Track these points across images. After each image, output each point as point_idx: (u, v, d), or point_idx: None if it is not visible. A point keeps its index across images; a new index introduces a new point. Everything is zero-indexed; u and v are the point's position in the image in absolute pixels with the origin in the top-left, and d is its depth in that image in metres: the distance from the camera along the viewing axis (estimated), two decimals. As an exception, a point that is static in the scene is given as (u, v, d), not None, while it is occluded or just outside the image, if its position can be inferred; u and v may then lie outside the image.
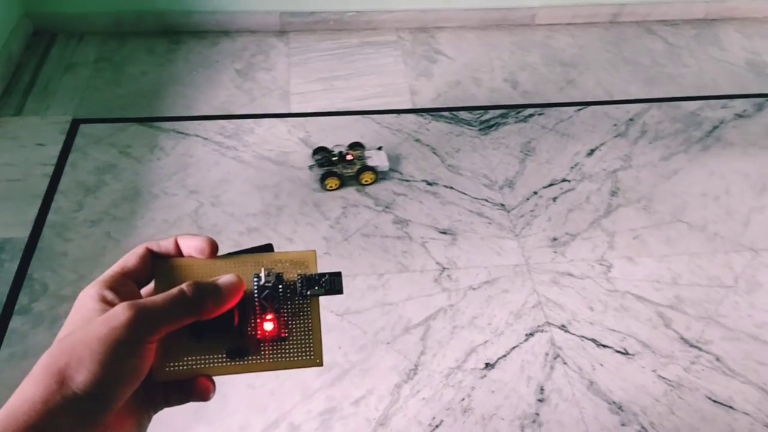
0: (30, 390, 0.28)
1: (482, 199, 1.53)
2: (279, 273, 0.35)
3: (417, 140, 1.68)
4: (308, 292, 0.35)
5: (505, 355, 1.23)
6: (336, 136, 1.67)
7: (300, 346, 0.35)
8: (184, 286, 0.32)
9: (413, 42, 2.04)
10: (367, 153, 1.55)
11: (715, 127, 1.74)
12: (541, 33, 2.11)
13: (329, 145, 1.59)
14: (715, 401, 1.16)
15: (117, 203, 1.46)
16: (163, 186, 1.51)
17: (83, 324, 0.30)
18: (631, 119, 1.76)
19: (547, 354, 1.23)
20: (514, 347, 1.24)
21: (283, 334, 0.35)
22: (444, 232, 1.45)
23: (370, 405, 1.14)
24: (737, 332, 1.26)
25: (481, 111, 1.79)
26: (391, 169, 1.57)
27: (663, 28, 2.14)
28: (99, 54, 1.90)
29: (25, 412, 0.27)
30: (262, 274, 0.35)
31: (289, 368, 0.35)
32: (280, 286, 0.35)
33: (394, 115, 1.76)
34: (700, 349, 1.23)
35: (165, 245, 0.35)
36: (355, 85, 1.85)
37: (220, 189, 1.51)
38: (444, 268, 1.37)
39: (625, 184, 1.57)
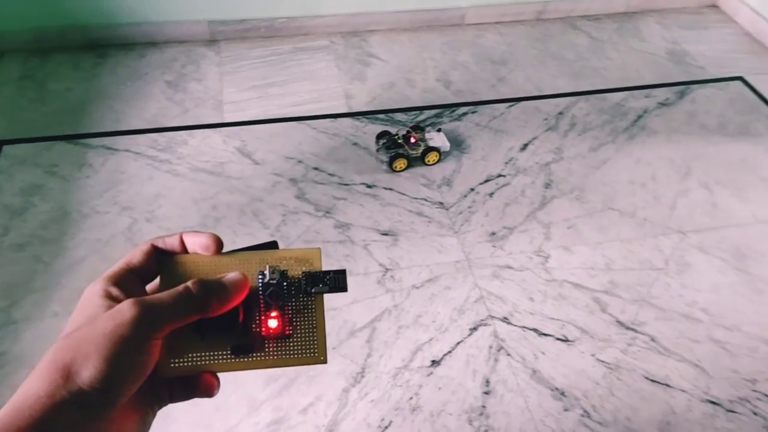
0: (35, 385, 0.28)
1: (421, 199, 1.54)
2: (283, 270, 0.35)
3: (354, 143, 1.68)
4: (312, 290, 0.36)
5: (450, 351, 1.24)
6: (272, 143, 1.66)
7: (304, 344, 0.35)
8: (189, 283, 0.32)
9: (345, 46, 2.04)
10: (428, 135, 1.63)
11: (640, 117, 1.80)
12: (471, 32, 2.15)
13: (392, 130, 1.66)
14: (652, 380, 1.20)
15: (45, 225, 1.41)
16: (93, 204, 1.46)
17: (89, 320, 0.30)
18: (560, 113, 1.81)
19: (491, 347, 1.25)
20: (458, 343, 1.26)
21: (287, 332, 0.35)
22: (385, 234, 1.45)
23: (319, 412, 1.14)
24: (670, 312, 1.31)
25: (416, 112, 1.81)
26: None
27: (586, 23, 2.21)
28: (22, 72, 1.83)
29: (30, 406, 0.27)
30: (267, 272, 0.35)
31: (293, 365, 0.35)
32: (285, 284, 0.35)
33: (330, 119, 1.76)
34: (635, 331, 1.28)
35: (170, 242, 0.35)
36: (290, 91, 1.84)
37: (154, 204, 1.47)
38: (387, 269, 1.38)
39: (557, 176, 1.61)
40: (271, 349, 0.35)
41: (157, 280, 0.35)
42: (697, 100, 1.87)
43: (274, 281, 0.35)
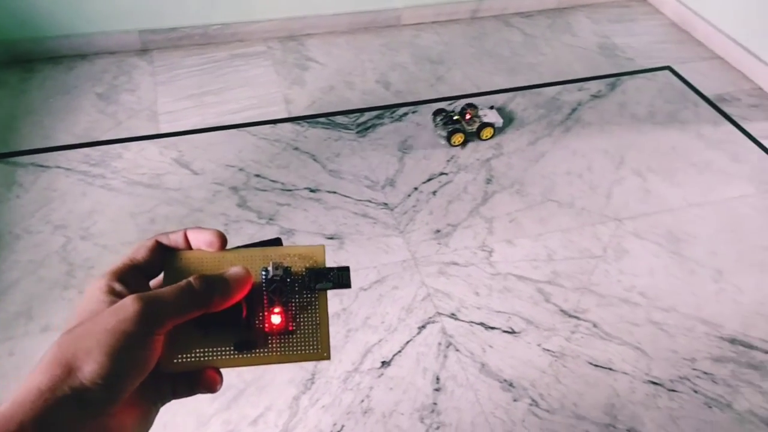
0: (37, 379, 0.28)
1: (366, 201, 1.54)
2: (287, 266, 0.35)
3: (296, 148, 1.67)
4: (316, 286, 0.36)
5: (399, 351, 1.24)
6: (211, 152, 1.63)
7: (307, 340, 0.35)
8: (191, 278, 0.32)
9: (283, 51, 2.03)
10: (481, 112, 1.74)
11: (574, 110, 1.85)
12: (408, 33, 2.16)
13: (447, 108, 1.77)
14: (596, 365, 1.23)
15: (-27, 249, 1.35)
16: (25, 225, 1.41)
17: (91, 315, 0.30)
18: (498, 109, 1.84)
19: (439, 344, 1.26)
20: (408, 342, 1.26)
21: (290, 328, 0.35)
22: (331, 238, 1.45)
23: (269, 422, 1.12)
24: (609, 298, 1.35)
25: (357, 114, 1.81)
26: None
27: (519, 20, 2.26)
28: (-60, 90, 1.75)
29: (32, 401, 0.27)
30: (270, 268, 0.35)
31: (296, 361, 0.35)
32: (288, 280, 0.35)
33: (270, 125, 1.74)
34: (578, 318, 1.31)
35: (174, 238, 0.35)
36: (227, 98, 1.82)
37: (89, 221, 1.43)
38: (333, 273, 1.37)
39: (498, 171, 1.64)
40: (274, 345, 0.35)
41: (161, 276, 0.35)
42: (628, 91, 1.94)
43: (278, 277, 0.35)
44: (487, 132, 1.71)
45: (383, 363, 1.22)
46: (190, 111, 1.76)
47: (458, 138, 1.68)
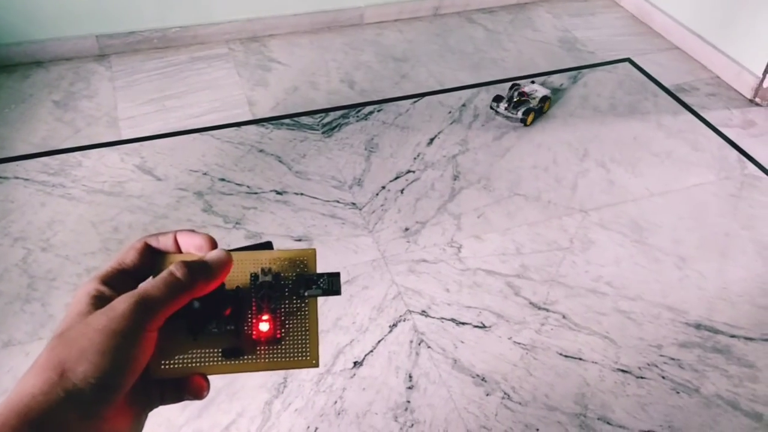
0: (30, 383, 0.27)
1: (333, 201, 1.54)
2: (277, 272, 0.35)
3: (261, 150, 1.66)
4: (306, 293, 0.35)
5: (371, 351, 1.24)
6: (174, 157, 1.60)
7: (296, 347, 0.34)
8: (172, 267, 0.32)
9: (245, 52, 2.01)
10: (529, 89, 1.80)
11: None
12: (371, 31, 2.16)
13: (503, 94, 1.81)
14: (566, 356, 1.25)
15: (-72, 265, 1.31)
16: (-19, 238, 1.37)
17: (80, 318, 0.30)
18: (463, 105, 1.85)
19: (411, 341, 1.26)
20: (379, 341, 1.26)
21: (278, 335, 0.34)
22: (299, 239, 1.44)
23: (242, 428, 1.11)
24: (577, 289, 1.37)
25: (322, 114, 1.80)
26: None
27: (482, 16, 2.27)
28: None
29: (26, 405, 0.27)
30: (260, 273, 0.34)
31: (284, 368, 0.35)
32: (278, 286, 0.35)
33: (234, 128, 1.72)
34: (547, 310, 1.32)
35: (164, 241, 0.35)
36: (190, 102, 1.79)
37: (49, 232, 1.39)
38: (302, 275, 1.36)
39: (464, 167, 1.64)
40: (262, 352, 0.34)
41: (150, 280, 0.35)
42: (589, 83, 1.96)
43: (267, 284, 0.34)
44: (547, 105, 1.80)
45: (355, 363, 1.22)
46: (152, 116, 1.73)
47: (531, 116, 1.75)
